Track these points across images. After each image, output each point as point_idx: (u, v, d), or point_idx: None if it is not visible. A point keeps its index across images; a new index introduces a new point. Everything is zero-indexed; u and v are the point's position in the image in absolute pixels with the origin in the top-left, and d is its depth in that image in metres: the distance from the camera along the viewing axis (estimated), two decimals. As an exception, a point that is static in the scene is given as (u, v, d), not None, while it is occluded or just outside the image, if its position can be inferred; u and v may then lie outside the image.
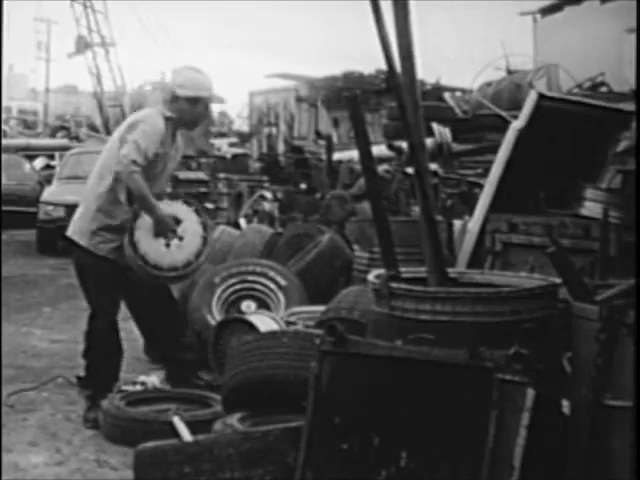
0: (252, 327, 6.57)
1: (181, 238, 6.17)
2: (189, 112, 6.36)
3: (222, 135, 43.75)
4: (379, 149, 14.07)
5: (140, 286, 6.35)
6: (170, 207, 6.24)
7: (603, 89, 16.25)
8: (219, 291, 7.67)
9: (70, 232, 6.42)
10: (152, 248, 6.09)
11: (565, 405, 3.83)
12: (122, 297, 6.54)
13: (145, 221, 6.12)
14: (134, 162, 5.99)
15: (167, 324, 6.60)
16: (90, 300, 6.41)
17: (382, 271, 4.16)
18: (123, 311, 10.43)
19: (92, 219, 6.26)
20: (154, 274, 6.10)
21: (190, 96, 6.29)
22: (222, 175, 25.80)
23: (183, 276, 6.28)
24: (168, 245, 6.13)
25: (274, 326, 6.63)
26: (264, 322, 6.68)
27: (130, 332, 9.16)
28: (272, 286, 7.99)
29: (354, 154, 14.03)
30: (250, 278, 7.90)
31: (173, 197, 6.54)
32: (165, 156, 6.31)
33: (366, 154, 4.28)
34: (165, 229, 6.12)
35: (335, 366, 3.82)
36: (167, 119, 6.27)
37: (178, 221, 6.19)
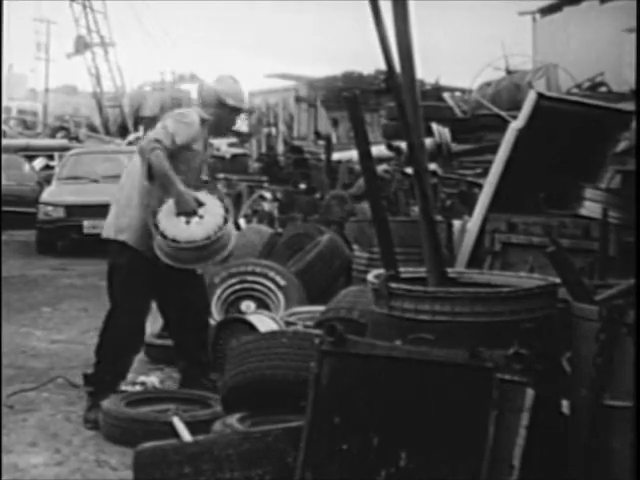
0: (252, 327, 6.56)
1: (201, 217, 6.13)
2: (227, 120, 6.58)
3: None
4: (378, 149, 14.08)
5: (175, 288, 6.37)
6: (193, 192, 6.27)
7: (602, 89, 16.29)
8: (219, 291, 7.68)
9: (106, 233, 6.46)
10: (171, 224, 6.08)
11: (565, 405, 3.84)
12: (154, 298, 6.53)
13: (169, 205, 6.15)
14: (157, 140, 6.07)
15: (197, 328, 6.58)
16: (114, 297, 6.40)
17: (381, 271, 4.17)
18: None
19: (135, 215, 6.32)
20: (172, 246, 6.08)
21: (232, 105, 6.46)
22: (221, 175, 25.79)
23: (202, 247, 6.17)
24: (188, 222, 6.11)
25: (273, 326, 6.63)
26: (264, 322, 6.68)
27: (130, 332, 9.16)
28: (272, 286, 8.00)
29: (353, 154, 14.04)
30: (250, 278, 7.92)
31: (196, 188, 6.58)
32: (197, 155, 6.41)
33: (365, 154, 4.28)
34: (186, 207, 6.09)
35: (334, 366, 3.82)
36: (203, 121, 6.40)
37: (200, 203, 6.15)
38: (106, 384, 6.26)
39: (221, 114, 6.48)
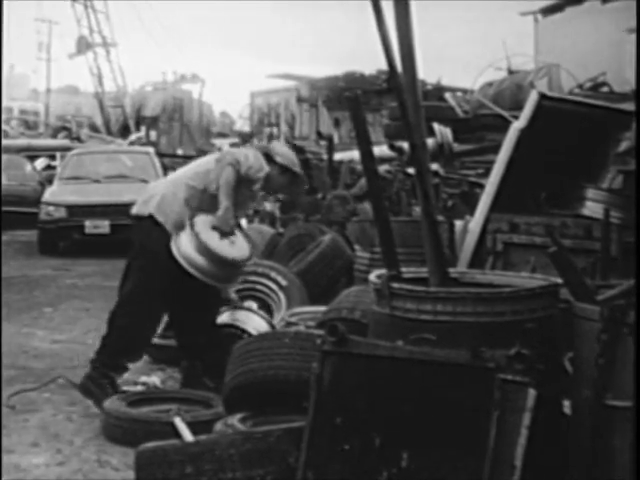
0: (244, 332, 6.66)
1: (233, 242, 6.39)
2: (276, 179, 6.80)
3: (223, 135, 43.82)
4: (380, 149, 14.08)
5: (190, 288, 6.43)
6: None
7: (604, 89, 16.28)
8: (221, 291, 7.65)
9: (142, 210, 7.01)
10: (205, 230, 6.30)
11: (566, 405, 3.83)
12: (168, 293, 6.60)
13: (206, 217, 6.38)
14: (238, 162, 6.38)
15: (206, 329, 6.66)
16: (139, 274, 6.66)
17: (383, 271, 4.16)
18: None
19: (176, 209, 6.58)
20: (201, 250, 6.24)
21: (284, 164, 6.78)
22: (223, 175, 25.66)
23: (231, 264, 6.38)
24: (221, 239, 6.34)
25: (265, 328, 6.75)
26: (255, 326, 6.79)
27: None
28: (273, 286, 8.00)
29: (355, 154, 14.04)
30: (251, 278, 7.91)
31: None
32: (251, 197, 6.84)
33: (367, 154, 4.28)
34: (226, 225, 6.34)
35: (336, 366, 3.82)
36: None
37: (233, 234, 6.43)
38: (112, 358, 6.46)
39: (271, 173, 6.69)
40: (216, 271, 6.26)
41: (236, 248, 6.35)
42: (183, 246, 6.27)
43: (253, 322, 6.88)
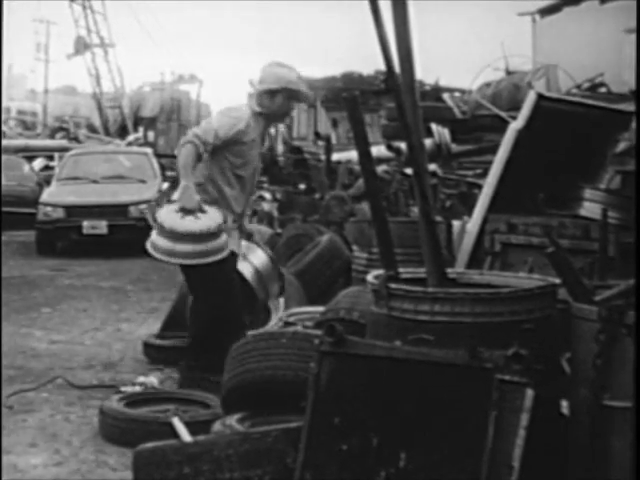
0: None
1: (197, 218, 6.25)
2: (270, 105, 6.62)
3: (221, 136, 43.68)
4: (378, 150, 14.08)
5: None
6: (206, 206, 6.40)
7: (602, 90, 16.29)
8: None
9: None
10: (169, 217, 6.22)
11: (564, 406, 3.83)
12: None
13: (165, 207, 6.38)
14: (196, 135, 6.30)
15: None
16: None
17: (381, 272, 4.16)
18: (116, 312, 10.47)
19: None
20: (168, 237, 6.20)
21: (265, 89, 6.58)
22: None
23: (197, 237, 6.21)
24: (183, 218, 6.23)
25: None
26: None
27: (129, 333, 9.19)
28: (271, 287, 7.98)
29: (353, 155, 14.05)
30: (249, 278, 7.89)
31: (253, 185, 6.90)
32: (252, 148, 6.61)
33: (365, 155, 4.28)
34: (188, 203, 6.21)
35: (334, 367, 3.82)
36: (258, 114, 6.60)
37: (202, 210, 6.27)
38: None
39: (262, 102, 6.59)
40: (188, 249, 6.21)
41: (202, 221, 6.21)
42: (152, 238, 6.30)
43: (255, 256, 6.91)
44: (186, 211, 6.20)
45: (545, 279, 4.14)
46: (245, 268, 6.94)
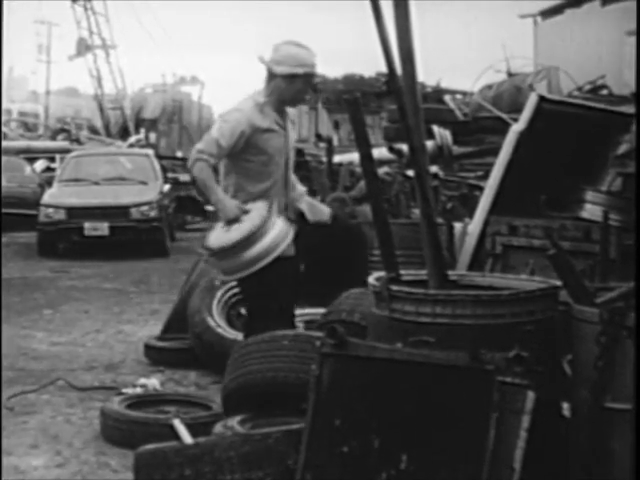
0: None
1: (241, 223, 5.95)
2: (287, 90, 6.12)
3: (222, 137, 43.67)
4: (380, 151, 14.10)
5: None
6: (249, 204, 6.08)
7: (604, 92, 16.28)
8: (219, 293, 7.66)
9: None
10: (214, 236, 6.00)
11: (565, 407, 3.83)
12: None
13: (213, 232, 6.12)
14: (200, 151, 5.95)
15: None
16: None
17: (382, 273, 4.16)
18: (117, 314, 10.47)
19: None
20: (210, 257, 6.13)
21: (286, 73, 6.06)
22: (222, 177, 25.59)
23: (227, 250, 5.92)
24: (228, 231, 5.96)
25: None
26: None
27: (131, 334, 9.20)
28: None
29: (354, 156, 14.05)
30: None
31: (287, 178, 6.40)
32: (272, 139, 6.14)
33: (366, 156, 4.28)
34: (227, 214, 5.94)
35: (335, 368, 3.82)
36: (264, 103, 6.12)
37: (244, 211, 5.98)
38: None
39: (278, 85, 6.09)
40: (249, 256, 5.90)
41: (246, 223, 5.90)
42: (220, 269, 6.16)
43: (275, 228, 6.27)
44: (232, 221, 5.94)
45: (546, 281, 4.14)
46: None
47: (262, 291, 6.02)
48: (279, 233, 5.95)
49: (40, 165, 25.23)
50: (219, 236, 5.98)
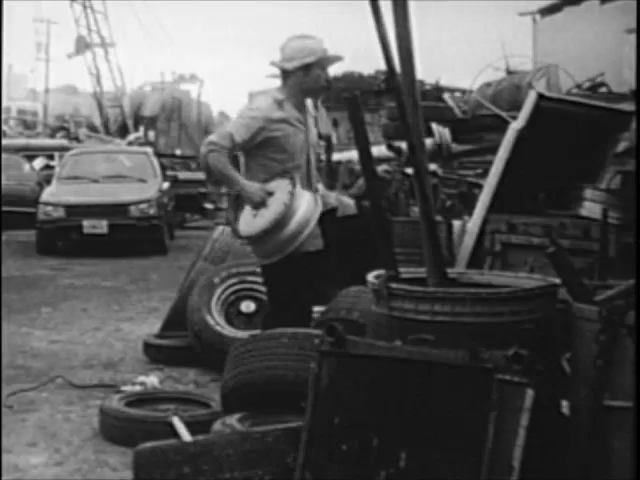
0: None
1: (267, 207, 5.94)
2: (305, 82, 6.12)
3: (221, 135, 43.62)
4: (378, 149, 14.06)
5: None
6: (272, 184, 6.05)
7: (602, 89, 16.25)
8: (219, 291, 7.66)
9: None
10: (244, 221, 6.00)
11: (564, 406, 3.83)
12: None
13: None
14: (212, 143, 5.93)
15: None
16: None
17: (381, 271, 4.16)
18: (116, 312, 10.46)
19: None
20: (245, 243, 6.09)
21: (299, 65, 6.07)
22: (222, 176, 25.55)
23: (258, 239, 5.97)
24: (255, 215, 5.96)
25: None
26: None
27: (130, 332, 9.19)
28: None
29: (354, 154, 14.03)
30: (250, 278, 7.89)
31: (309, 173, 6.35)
32: (292, 137, 6.10)
33: (365, 154, 4.28)
34: (253, 200, 5.92)
35: (334, 367, 3.82)
36: (280, 102, 6.09)
37: (269, 192, 5.95)
38: None
39: (296, 80, 6.10)
40: (265, 247, 5.99)
41: (272, 207, 5.89)
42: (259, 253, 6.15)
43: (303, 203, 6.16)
44: (259, 205, 5.92)
45: (545, 279, 4.14)
46: None
47: (283, 287, 6.07)
48: (308, 207, 5.94)
49: (39, 163, 25.19)
50: (249, 221, 5.97)
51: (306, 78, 6.10)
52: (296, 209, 5.87)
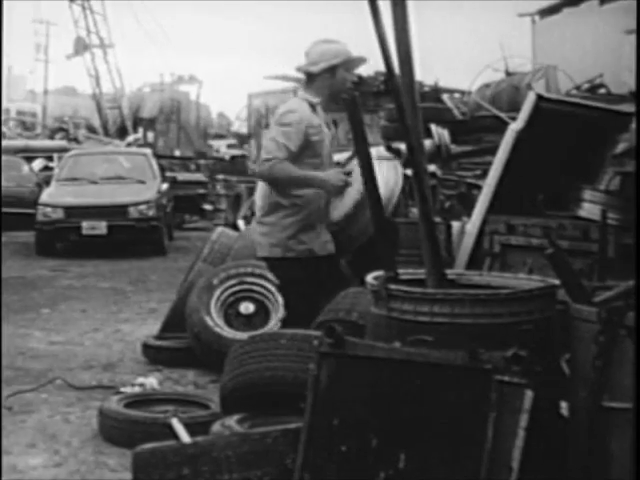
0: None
1: (350, 185, 5.97)
2: (332, 84, 6.14)
3: (221, 137, 43.79)
4: (378, 150, 14.05)
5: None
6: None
7: (602, 91, 16.26)
8: (218, 292, 7.67)
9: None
10: (336, 210, 6.08)
11: (563, 407, 3.83)
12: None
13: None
14: (269, 159, 5.85)
15: None
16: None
17: (381, 272, 4.16)
18: (115, 313, 10.46)
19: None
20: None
21: (326, 67, 6.08)
22: (221, 176, 25.70)
23: (350, 218, 6.10)
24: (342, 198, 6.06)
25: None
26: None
27: (129, 333, 9.20)
28: (271, 287, 7.99)
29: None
30: (249, 279, 7.91)
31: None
32: (321, 141, 6.16)
33: (365, 156, 4.28)
34: (337, 189, 5.96)
35: (333, 368, 3.82)
36: (312, 105, 6.12)
37: (347, 173, 6.01)
38: None
39: (323, 84, 6.14)
40: (359, 226, 6.07)
41: (345, 197, 6.00)
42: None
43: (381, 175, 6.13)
44: (343, 189, 5.97)
45: (544, 280, 4.14)
46: None
47: (293, 288, 6.10)
48: (387, 180, 5.95)
49: (38, 164, 25.21)
50: (337, 206, 6.02)
51: (333, 80, 6.12)
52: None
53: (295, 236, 6.00)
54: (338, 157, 6.58)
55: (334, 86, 6.14)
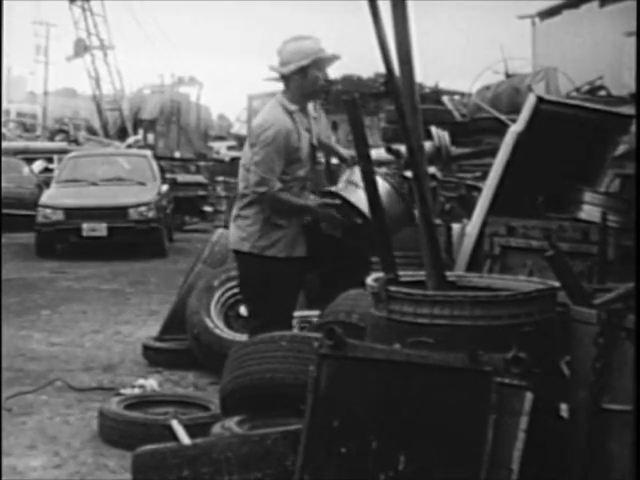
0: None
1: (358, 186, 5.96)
2: (303, 85, 6.04)
3: (221, 138, 43.77)
4: (378, 152, 14.05)
5: None
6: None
7: (602, 93, 16.26)
8: (218, 294, 7.67)
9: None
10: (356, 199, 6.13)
11: (563, 409, 3.83)
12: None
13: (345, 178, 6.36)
14: (266, 184, 5.88)
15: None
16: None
17: (381, 274, 4.16)
18: (115, 314, 10.46)
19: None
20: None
21: (295, 69, 5.98)
22: (221, 178, 25.70)
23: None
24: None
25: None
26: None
27: (129, 335, 9.20)
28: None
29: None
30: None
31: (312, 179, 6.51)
32: (301, 143, 6.11)
33: (365, 157, 4.28)
34: (329, 220, 6.08)
35: (334, 370, 3.82)
36: (290, 111, 6.04)
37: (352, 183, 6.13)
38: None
39: (296, 84, 6.04)
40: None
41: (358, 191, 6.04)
42: None
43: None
44: (335, 220, 6.07)
45: (544, 282, 4.14)
46: None
47: (261, 291, 6.03)
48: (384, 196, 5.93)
49: (38, 166, 25.22)
50: (360, 197, 5.86)
51: (304, 81, 6.02)
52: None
53: (265, 233, 6.00)
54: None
55: (305, 87, 6.06)
